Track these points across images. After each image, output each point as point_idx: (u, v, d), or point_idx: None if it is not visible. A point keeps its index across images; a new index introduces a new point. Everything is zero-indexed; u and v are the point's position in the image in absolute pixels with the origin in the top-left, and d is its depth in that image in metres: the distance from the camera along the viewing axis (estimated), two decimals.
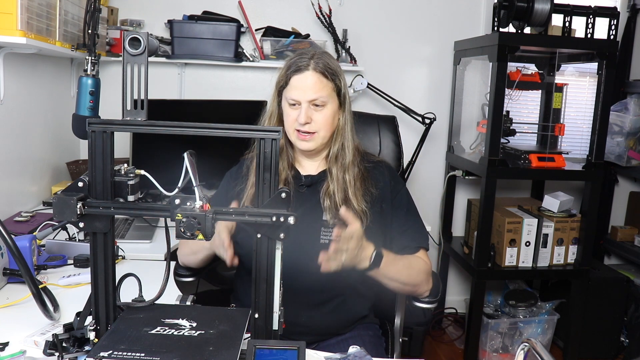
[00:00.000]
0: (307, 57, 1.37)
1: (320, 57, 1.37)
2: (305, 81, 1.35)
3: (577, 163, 2.66)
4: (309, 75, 1.34)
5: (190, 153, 0.87)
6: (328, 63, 1.37)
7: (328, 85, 1.36)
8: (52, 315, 1.08)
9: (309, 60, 1.35)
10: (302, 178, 1.43)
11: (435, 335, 2.93)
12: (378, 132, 1.85)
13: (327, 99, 1.36)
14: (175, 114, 2.22)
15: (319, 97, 1.34)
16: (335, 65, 1.39)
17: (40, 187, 2.16)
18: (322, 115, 1.36)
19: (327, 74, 1.36)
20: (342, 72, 1.41)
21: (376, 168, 1.46)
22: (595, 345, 2.74)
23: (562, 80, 2.86)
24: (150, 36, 0.90)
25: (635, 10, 2.98)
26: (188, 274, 1.51)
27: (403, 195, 1.48)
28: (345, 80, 1.42)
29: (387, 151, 1.84)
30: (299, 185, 1.42)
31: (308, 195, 1.41)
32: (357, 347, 1.06)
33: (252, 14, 2.66)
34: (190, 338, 0.88)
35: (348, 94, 1.42)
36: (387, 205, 1.43)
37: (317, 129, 1.37)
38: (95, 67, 1.64)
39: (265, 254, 0.91)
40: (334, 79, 1.37)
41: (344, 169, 1.38)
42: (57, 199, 0.85)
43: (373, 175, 1.44)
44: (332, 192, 1.37)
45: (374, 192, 1.41)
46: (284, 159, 1.42)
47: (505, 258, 2.54)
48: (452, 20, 2.88)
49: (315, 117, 1.36)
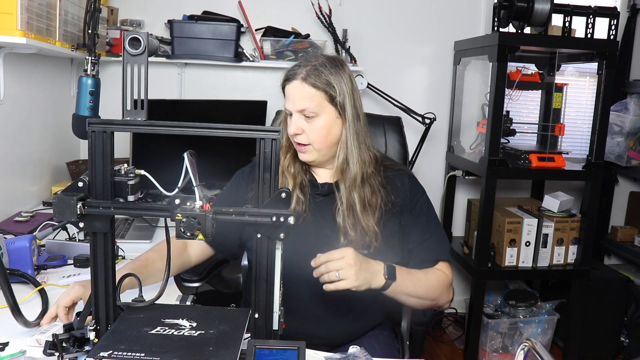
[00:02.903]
0: (301, 65, 1.31)
1: (314, 66, 1.29)
2: (294, 91, 1.30)
3: (577, 163, 2.66)
4: (297, 85, 1.29)
5: (190, 153, 0.87)
6: (321, 71, 1.28)
7: (318, 95, 1.28)
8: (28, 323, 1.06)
9: (300, 69, 1.30)
10: (319, 186, 1.39)
11: (435, 335, 2.93)
12: (384, 133, 1.85)
13: (317, 109, 1.29)
14: (175, 114, 2.22)
15: (307, 107, 1.28)
16: (332, 73, 1.29)
17: (40, 187, 2.15)
18: (313, 127, 1.30)
19: (316, 84, 1.28)
20: (344, 80, 1.31)
21: (397, 177, 1.40)
22: (595, 345, 2.74)
23: (562, 80, 2.86)
24: (150, 36, 0.90)
25: (635, 10, 2.98)
26: (194, 279, 1.50)
27: (423, 203, 1.42)
28: (348, 87, 1.31)
29: (393, 152, 1.83)
30: (315, 194, 1.38)
31: (325, 204, 1.36)
32: (357, 347, 1.06)
33: (252, 14, 2.66)
34: (190, 338, 0.88)
35: (353, 102, 1.32)
36: (406, 216, 1.38)
37: (311, 141, 1.31)
38: (95, 67, 1.64)
39: (265, 254, 0.91)
40: (325, 88, 1.28)
41: (350, 185, 1.32)
42: (57, 199, 0.85)
43: (394, 186, 1.38)
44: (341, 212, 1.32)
45: (395, 201, 1.36)
46: (298, 163, 1.38)
47: (505, 258, 2.54)
48: (452, 20, 2.88)
49: (307, 128, 1.31)
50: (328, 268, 1.16)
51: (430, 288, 1.34)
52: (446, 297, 1.39)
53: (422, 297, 1.33)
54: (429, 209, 1.43)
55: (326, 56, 1.34)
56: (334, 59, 1.34)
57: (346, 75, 1.32)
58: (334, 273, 1.15)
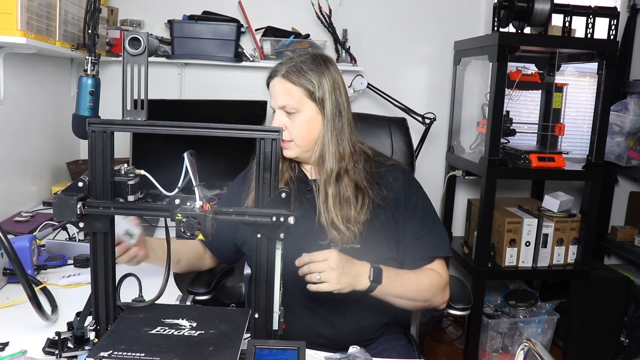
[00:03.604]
0: (283, 63, 1.33)
1: (295, 64, 1.31)
2: (275, 88, 1.33)
3: (577, 163, 2.66)
4: (277, 81, 1.32)
5: (190, 153, 0.87)
6: (300, 68, 1.30)
7: (297, 91, 1.30)
8: (48, 316, 1.08)
9: (282, 67, 1.32)
10: (309, 182, 1.39)
11: (435, 335, 2.93)
12: (390, 134, 1.85)
13: (297, 105, 1.30)
14: (175, 114, 2.22)
15: (287, 103, 1.30)
16: (313, 69, 1.30)
17: (40, 187, 2.15)
18: (294, 123, 1.32)
19: (294, 80, 1.29)
20: (327, 76, 1.31)
21: (390, 173, 1.40)
22: (595, 345, 2.74)
23: (562, 80, 2.86)
24: (150, 36, 0.90)
25: (635, 10, 2.98)
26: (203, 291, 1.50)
27: (418, 198, 1.40)
28: (328, 84, 1.31)
29: (399, 153, 1.84)
30: (306, 190, 1.38)
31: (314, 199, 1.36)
32: (357, 347, 1.05)
33: (252, 14, 2.66)
34: (190, 338, 0.88)
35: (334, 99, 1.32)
36: (401, 212, 1.36)
37: (293, 137, 1.32)
38: (95, 67, 1.64)
39: (265, 254, 0.91)
40: (304, 84, 1.29)
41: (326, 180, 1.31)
42: (57, 199, 0.85)
43: (386, 181, 1.37)
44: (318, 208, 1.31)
45: (387, 195, 1.35)
46: (287, 160, 1.39)
47: (505, 258, 2.54)
48: (452, 20, 2.88)
49: (289, 125, 1.32)
50: (310, 269, 1.17)
51: (421, 289, 1.32)
52: (440, 298, 1.36)
53: (412, 298, 1.31)
54: (425, 204, 1.41)
55: (311, 53, 1.36)
56: (317, 57, 1.35)
57: (329, 72, 1.32)
58: (315, 275, 1.16)
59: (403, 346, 1.41)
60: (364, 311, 1.35)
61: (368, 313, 1.36)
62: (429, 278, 1.33)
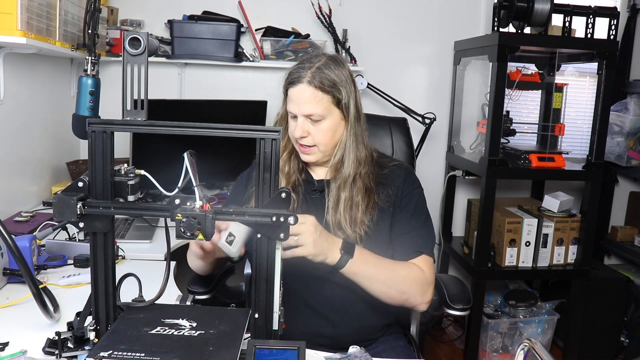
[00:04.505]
0: (305, 67, 1.29)
1: (319, 68, 1.28)
2: (300, 95, 1.28)
3: (577, 163, 2.66)
4: (304, 88, 1.28)
5: (190, 153, 0.87)
6: (327, 75, 1.28)
7: (325, 98, 1.28)
8: (52, 315, 1.08)
9: (305, 72, 1.28)
10: (315, 183, 1.39)
11: (435, 335, 2.93)
12: (390, 134, 1.84)
13: (324, 112, 1.29)
14: (175, 114, 2.22)
15: (314, 112, 1.28)
16: (337, 75, 1.29)
17: (40, 187, 2.16)
18: (319, 130, 1.30)
19: (324, 87, 1.27)
20: (348, 81, 1.31)
21: (393, 172, 1.40)
22: (595, 345, 2.74)
23: (562, 80, 2.86)
24: (150, 36, 0.90)
25: (635, 10, 2.98)
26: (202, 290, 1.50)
27: (413, 196, 1.39)
28: (351, 88, 1.31)
29: (400, 153, 1.84)
30: (311, 190, 1.38)
31: (320, 200, 1.36)
32: (357, 347, 1.06)
33: (252, 14, 2.66)
34: (190, 338, 0.88)
35: (355, 103, 1.32)
36: (395, 207, 1.37)
37: (316, 143, 1.32)
38: (95, 67, 1.64)
39: (265, 254, 0.91)
40: (332, 91, 1.28)
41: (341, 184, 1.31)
42: (57, 199, 0.85)
43: (389, 181, 1.38)
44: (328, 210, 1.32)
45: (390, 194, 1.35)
46: (294, 162, 1.38)
47: (505, 258, 2.54)
48: (452, 20, 2.88)
49: (312, 131, 1.30)
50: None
51: (397, 278, 1.27)
52: (420, 297, 1.29)
53: (386, 285, 1.26)
54: (419, 203, 1.39)
55: (327, 55, 1.33)
56: (335, 58, 1.33)
57: (347, 74, 1.32)
58: (293, 238, 1.13)
59: (402, 347, 1.41)
60: (365, 311, 1.35)
61: (369, 313, 1.36)
62: (407, 269, 1.30)
